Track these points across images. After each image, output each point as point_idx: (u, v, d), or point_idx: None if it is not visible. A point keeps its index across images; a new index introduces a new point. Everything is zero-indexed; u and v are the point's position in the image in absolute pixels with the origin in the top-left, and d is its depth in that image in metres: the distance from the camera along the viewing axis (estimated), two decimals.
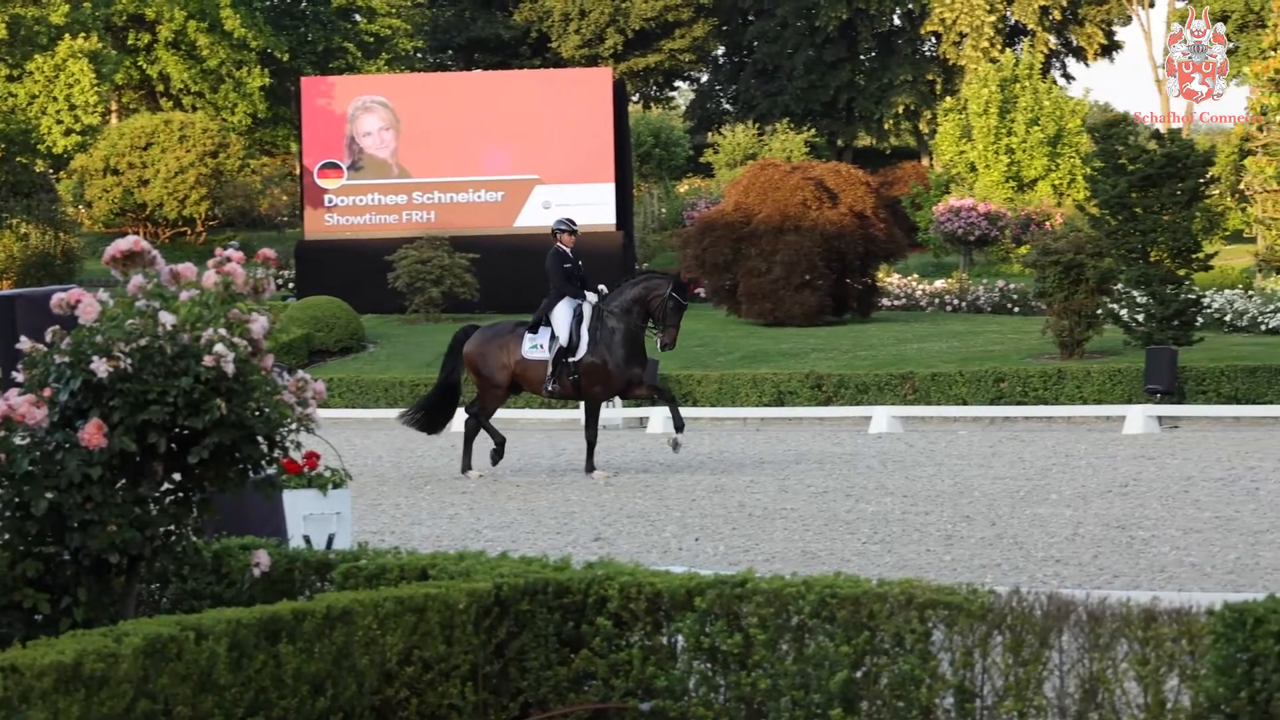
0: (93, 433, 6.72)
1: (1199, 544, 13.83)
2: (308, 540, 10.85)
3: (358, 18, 66.61)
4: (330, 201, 45.06)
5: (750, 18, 73.70)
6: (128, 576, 7.02)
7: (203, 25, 61.40)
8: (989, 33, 67.34)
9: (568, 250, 20.92)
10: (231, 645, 6.34)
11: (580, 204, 41.34)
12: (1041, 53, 67.75)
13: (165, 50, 62.64)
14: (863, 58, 71.78)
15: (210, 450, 6.90)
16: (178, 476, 7.09)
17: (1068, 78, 74.00)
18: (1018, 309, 41.66)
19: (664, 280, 21.02)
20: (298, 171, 50.18)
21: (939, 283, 44.68)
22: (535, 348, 20.75)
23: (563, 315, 20.66)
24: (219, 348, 6.82)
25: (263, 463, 7.13)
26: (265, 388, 7.03)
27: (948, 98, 61.68)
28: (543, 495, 18.82)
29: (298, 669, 6.56)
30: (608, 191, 44.39)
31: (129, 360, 6.79)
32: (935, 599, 6.64)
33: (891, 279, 44.20)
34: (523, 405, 28.81)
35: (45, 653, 5.78)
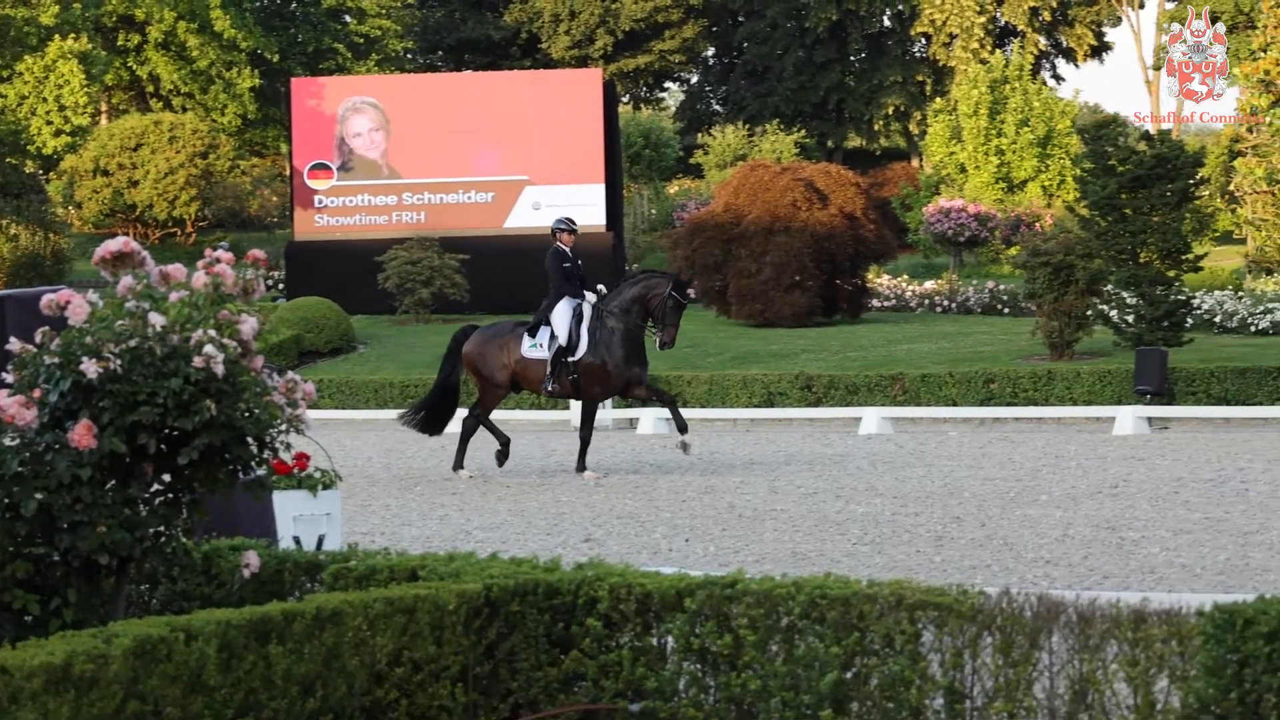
0: (82, 434, 6.72)
1: (1189, 545, 13.84)
2: (297, 541, 10.85)
3: (348, 19, 66.60)
4: (320, 202, 45.04)
5: (740, 19, 73.67)
6: (117, 577, 7.02)
7: (192, 26, 61.37)
8: (979, 34, 67.35)
9: (567, 250, 20.90)
10: (221, 646, 6.34)
11: (570, 205, 41.22)
12: (1031, 54, 67.69)
13: (155, 51, 62.60)
14: (853, 59, 71.76)
15: (200, 451, 6.89)
16: (167, 477, 7.09)
17: (1058, 79, 74.12)
18: (1008, 310, 41.68)
19: (663, 279, 21.02)
20: (287, 172, 50.13)
21: (929, 284, 44.69)
22: (535, 346, 20.74)
23: (562, 315, 20.65)
24: (209, 349, 6.81)
25: (252, 464, 7.13)
26: (255, 389, 7.02)
27: (938, 99, 61.68)
28: (533, 496, 18.81)
29: (287, 670, 6.56)
30: (598, 192, 44.42)
31: (119, 361, 6.78)
32: (925, 600, 6.64)
33: (881, 280, 44.21)
34: (513, 406, 28.77)
35: (35, 654, 5.77)
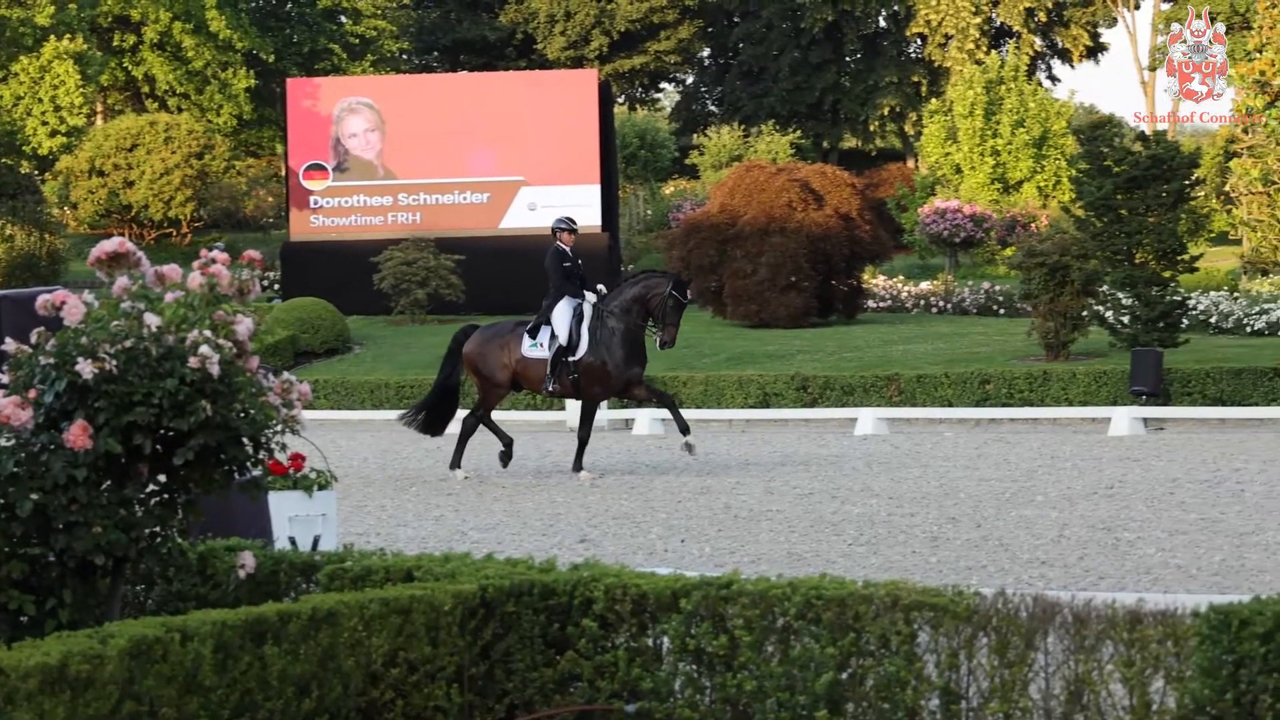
0: (78, 434, 6.71)
1: (1184, 546, 13.85)
2: (293, 542, 10.84)
3: (343, 19, 66.54)
4: (315, 203, 45.00)
5: (735, 19, 73.69)
6: (113, 578, 7.01)
7: (188, 26, 61.31)
8: (974, 34, 67.37)
9: (567, 249, 20.89)
10: (217, 647, 6.34)
11: (565, 205, 41.13)
12: (1027, 54, 67.86)
13: (150, 51, 62.55)
14: (848, 59, 71.79)
15: (195, 452, 6.89)
16: (163, 478, 7.08)
17: (1053, 79, 74.15)
18: (1003, 311, 41.70)
19: (664, 279, 21.03)
20: (283, 173, 50.12)
21: (924, 284, 44.70)
22: (535, 346, 20.74)
23: (562, 315, 20.65)
24: (204, 349, 6.81)
25: (248, 464, 7.12)
26: (250, 389, 7.02)
27: (933, 99, 61.74)
28: (528, 497, 18.81)
29: (283, 670, 6.56)
30: (593, 193, 44.40)
31: (114, 362, 6.77)
32: (921, 601, 6.64)
33: (877, 281, 44.21)
34: (509, 407, 28.75)
35: (30, 654, 5.77)
